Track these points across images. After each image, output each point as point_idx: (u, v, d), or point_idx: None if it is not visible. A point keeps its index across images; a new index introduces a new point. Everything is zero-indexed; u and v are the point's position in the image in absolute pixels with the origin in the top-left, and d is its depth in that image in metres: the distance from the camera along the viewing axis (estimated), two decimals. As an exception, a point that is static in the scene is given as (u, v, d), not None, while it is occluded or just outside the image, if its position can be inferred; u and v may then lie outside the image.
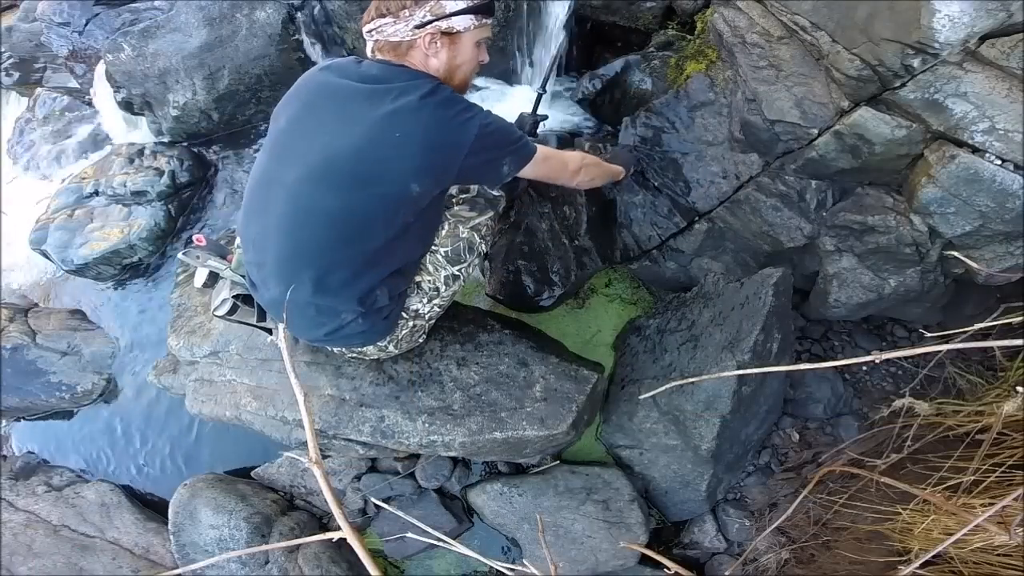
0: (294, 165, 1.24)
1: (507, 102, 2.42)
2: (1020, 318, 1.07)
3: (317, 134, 1.24)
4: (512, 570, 0.97)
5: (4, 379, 2.30)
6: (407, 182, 1.20)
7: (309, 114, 1.27)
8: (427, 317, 1.52)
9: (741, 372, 1.18)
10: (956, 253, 1.37)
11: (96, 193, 2.57)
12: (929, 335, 1.05)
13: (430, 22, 1.23)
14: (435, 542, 0.91)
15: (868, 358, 0.82)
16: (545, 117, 1.73)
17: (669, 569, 1.10)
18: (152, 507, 2.12)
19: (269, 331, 1.56)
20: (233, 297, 1.46)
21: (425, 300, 1.47)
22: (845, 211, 1.56)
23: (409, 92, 1.19)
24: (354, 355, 1.58)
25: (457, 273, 1.46)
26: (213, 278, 1.49)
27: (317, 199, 1.23)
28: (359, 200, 1.22)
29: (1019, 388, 0.92)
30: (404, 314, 1.46)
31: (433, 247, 1.42)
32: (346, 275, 1.28)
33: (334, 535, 0.75)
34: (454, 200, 1.45)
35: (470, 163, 1.23)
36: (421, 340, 1.61)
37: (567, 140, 2.15)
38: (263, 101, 2.66)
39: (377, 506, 1.91)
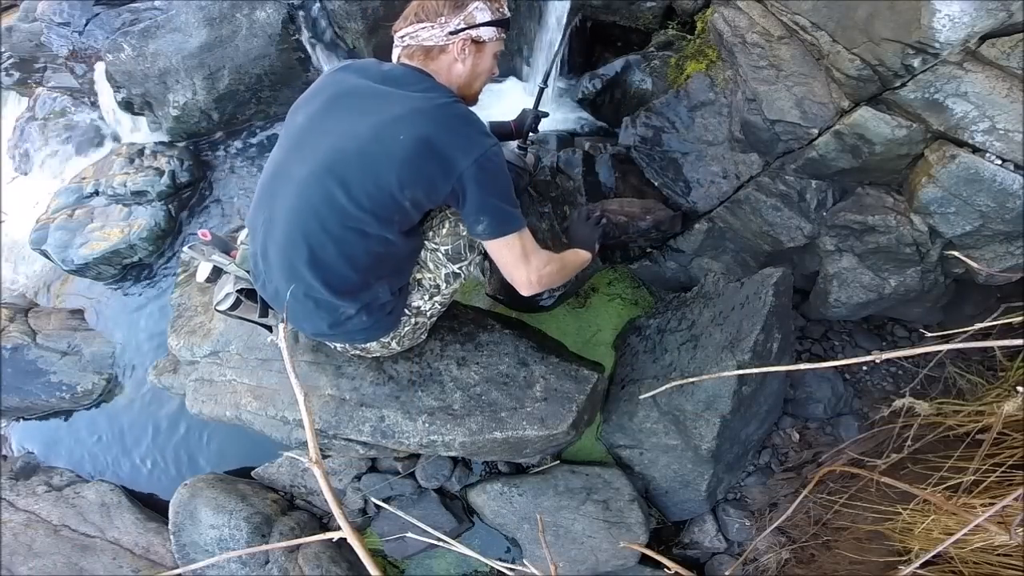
0: (305, 160, 1.27)
1: (506, 99, 2.43)
2: (1020, 318, 1.06)
3: (330, 131, 1.26)
4: (512, 570, 0.97)
5: (4, 379, 2.30)
6: (402, 187, 1.21)
7: (326, 112, 1.30)
8: (429, 314, 1.53)
9: (741, 372, 1.18)
10: (956, 253, 1.37)
11: (96, 193, 2.58)
12: (929, 335, 1.05)
13: (463, 30, 1.31)
14: (435, 542, 0.91)
15: (868, 358, 0.82)
16: (546, 114, 1.73)
17: (669, 569, 1.09)
18: (152, 507, 2.12)
19: (270, 328, 1.56)
20: (237, 292, 1.46)
21: (427, 297, 1.48)
22: (845, 211, 1.56)
23: (425, 100, 1.23)
24: (356, 352, 1.58)
25: (458, 271, 1.47)
26: (216, 273, 1.49)
27: (322, 194, 1.25)
28: (359, 197, 1.23)
29: (1019, 388, 0.92)
30: (407, 311, 1.47)
31: (433, 245, 1.42)
32: (344, 271, 1.29)
33: (334, 535, 0.75)
34: None
35: (462, 187, 1.22)
36: (423, 337, 1.62)
37: (567, 140, 2.14)
38: (263, 101, 2.66)
39: (377, 506, 1.91)
